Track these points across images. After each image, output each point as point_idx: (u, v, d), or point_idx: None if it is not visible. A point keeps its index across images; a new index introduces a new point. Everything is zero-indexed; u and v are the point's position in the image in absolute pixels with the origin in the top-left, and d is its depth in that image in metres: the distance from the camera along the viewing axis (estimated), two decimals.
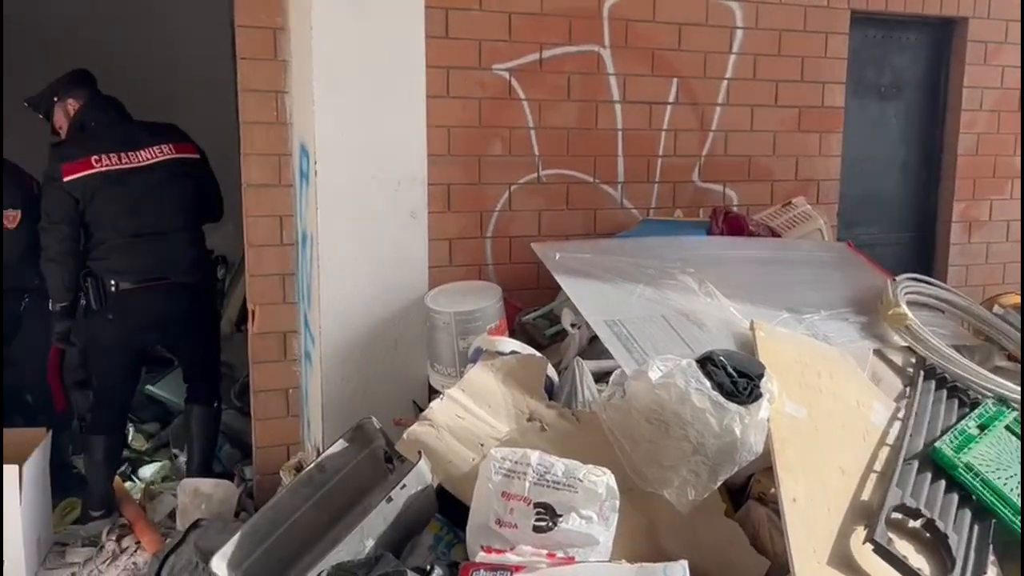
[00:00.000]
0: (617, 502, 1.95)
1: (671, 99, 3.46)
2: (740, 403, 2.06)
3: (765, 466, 2.12)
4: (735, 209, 3.50)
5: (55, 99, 3.32)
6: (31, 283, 3.44)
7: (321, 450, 2.77)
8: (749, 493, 2.22)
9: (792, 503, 1.96)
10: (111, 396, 3.37)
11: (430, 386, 2.91)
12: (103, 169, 3.16)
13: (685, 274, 2.74)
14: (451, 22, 3.07)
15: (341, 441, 2.28)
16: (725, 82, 3.53)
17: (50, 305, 3.26)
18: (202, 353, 3.54)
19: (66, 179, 3.13)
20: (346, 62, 2.74)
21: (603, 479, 1.95)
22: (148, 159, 3.25)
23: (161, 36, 4.60)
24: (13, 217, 3.32)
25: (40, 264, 3.25)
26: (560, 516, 1.92)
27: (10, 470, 2.81)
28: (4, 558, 2.83)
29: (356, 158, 2.81)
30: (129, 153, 3.22)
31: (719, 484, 2.06)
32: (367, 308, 2.90)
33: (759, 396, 2.09)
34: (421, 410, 2.74)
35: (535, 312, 3.05)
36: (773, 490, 2.05)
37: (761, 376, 2.14)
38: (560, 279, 2.69)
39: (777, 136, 3.66)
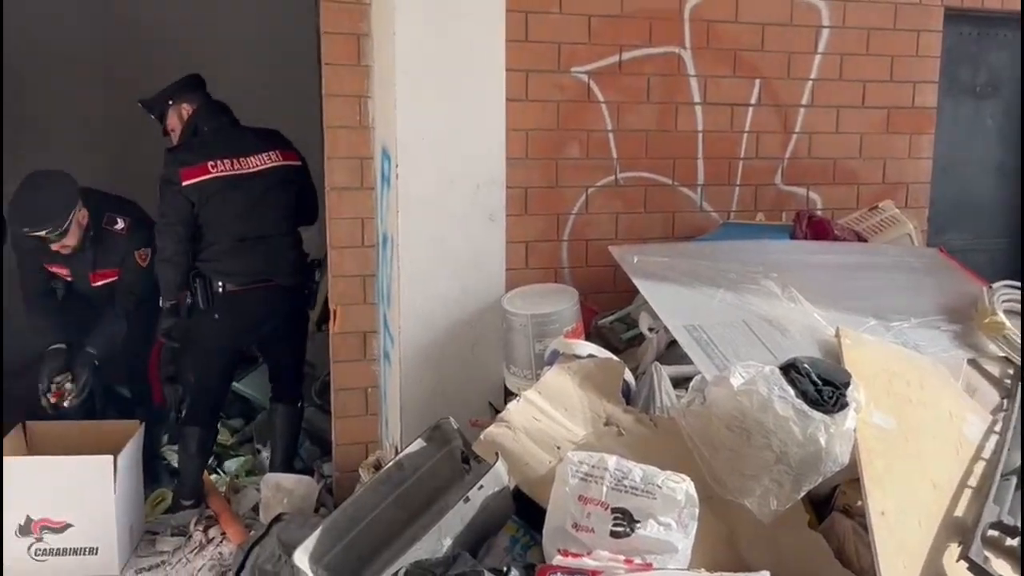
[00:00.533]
0: (696, 510, 1.92)
1: (753, 100, 3.39)
2: (825, 412, 2.00)
3: (851, 477, 2.06)
4: (819, 213, 3.40)
5: (170, 102, 3.42)
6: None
7: (399, 449, 2.82)
8: (834, 505, 2.15)
9: (880, 516, 1.90)
10: (208, 391, 3.48)
11: (506, 388, 2.92)
12: (218, 175, 3.27)
13: (768, 279, 2.68)
14: (531, 25, 3.08)
15: (419, 440, 2.31)
16: (810, 83, 3.44)
17: (160, 302, 3.39)
18: (291, 354, 3.64)
19: (184, 183, 3.23)
20: (427, 66, 2.77)
21: (682, 486, 1.93)
22: (258, 165, 3.35)
23: (248, 41, 4.73)
24: (144, 255, 3.47)
25: (154, 264, 3.39)
26: (638, 522, 1.90)
27: (105, 460, 2.94)
28: (98, 544, 2.96)
29: (436, 161, 2.84)
30: (241, 159, 3.32)
31: (802, 494, 2.01)
32: (445, 309, 2.93)
33: (845, 405, 2.03)
34: (497, 411, 2.76)
35: (612, 316, 3.03)
36: (860, 502, 1.99)
37: (847, 384, 2.08)
38: (638, 283, 2.67)
39: (864, 138, 3.55)
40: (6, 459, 2.98)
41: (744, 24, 3.32)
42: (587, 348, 2.50)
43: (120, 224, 3.48)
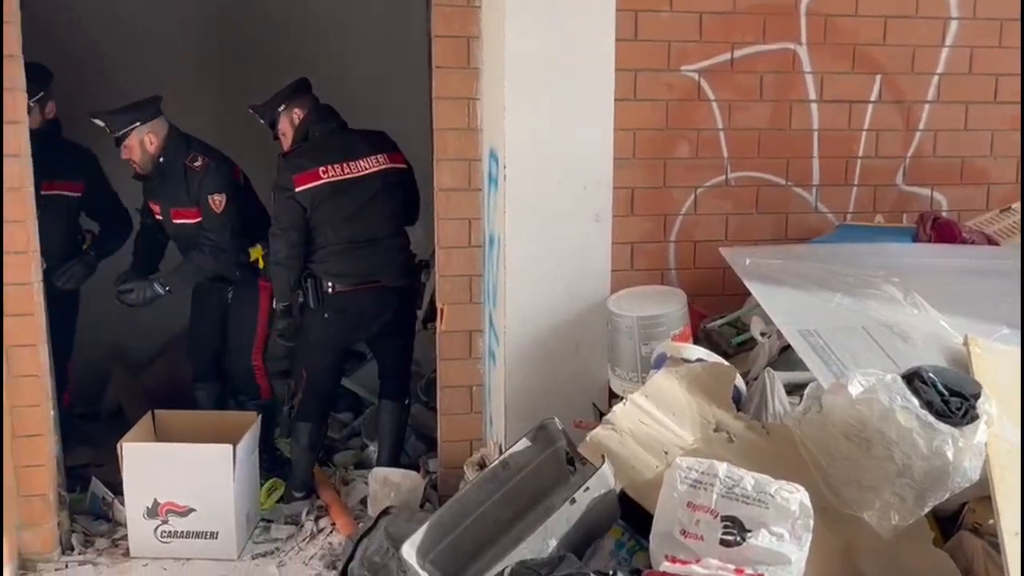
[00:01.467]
0: (811, 521, 1.85)
1: (873, 97, 3.24)
2: (952, 424, 1.90)
3: (981, 495, 1.95)
4: (945, 214, 3.23)
5: (281, 108, 3.50)
6: (233, 275, 3.75)
7: (503, 447, 2.84)
8: (962, 522, 2.04)
9: (1014, 537, 1.79)
10: (319, 387, 3.59)
11: (610, 390, 2.90)
12: (329, 180, 3.35)
13: (888, 283, 2.55)
14: (640, 24, 3.04)
15: (524, 440, 2.32)
16: (936, 78, 3.26)
17: (273, 304, 3.53)
18: (399, 353, 3.71)
19: (297, 189, 3.33)
20: (537, 68, 2.78)
21: (796, 496, 1.86)
22: (366, 169, 3.42)
23: (358, 45, 4.84)
24: (219, 201, 3.58)
25: (269, 267, 3.53)
26: (749, 531, 1.85)
27: (225, 449, 3.08)
28: (219, 529, 3.11)
29: (543, 162, 2.84)
30: (350, 163, 3.40)
31: (927, 510, 1.91)
32: (550, 310, 2.93)
33: (975, 417, 1.92)
34: (601, 413, 2.74)
35: (721, 319, 2.96)
36: (991, 521, 1.88)
37: (977, 396, 1.97)
38: (750, 285, 2.60)
39: (996, 135, 3.34)
40: (137, 444, 3.17)
41: (865, 17, 3.18)
42: (696, 352, 2.45)
43: (199, 161, 3.59)
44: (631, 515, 2.12)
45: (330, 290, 3.43)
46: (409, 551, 2.10)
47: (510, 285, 2.91)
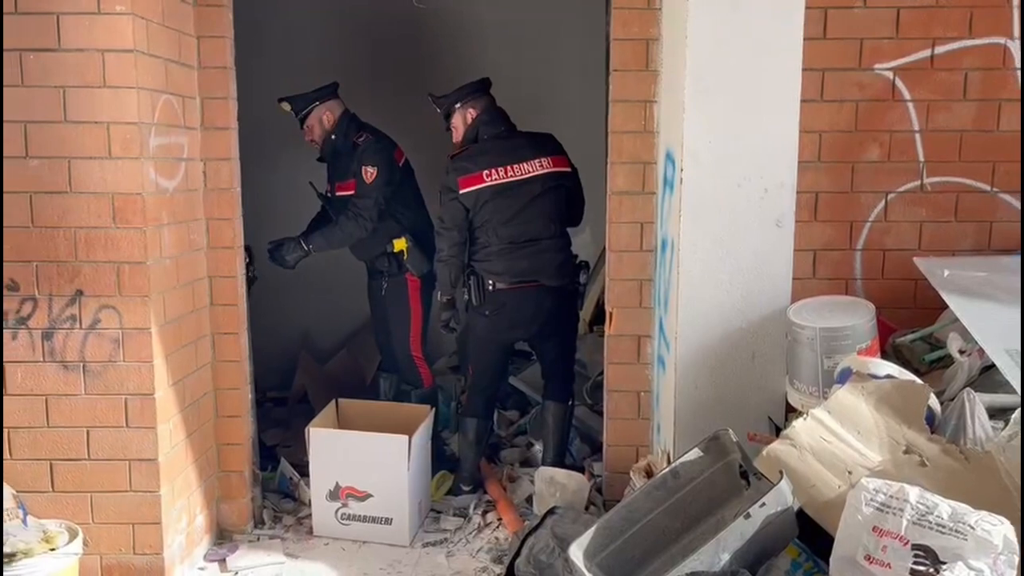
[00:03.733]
0: (1016, 557, 1.71)
1: None
2: None
3: None
4: None
5: (458, 104, 3.62)
6: (390, 269, 3.94)
7: (672, 455, 2.80)
8: None
9: None
10: (484, 384, 3.71)
11: (788, 404, 2.78)
12: (492, 183, 3.47)
13: None
14: (829, 22, 2.91)
15: (696, 450, 2.27)
16: None
17: (438, 296, 3.71)
18: (560, 352, 3.74)
19: (461, 191, 3.48)
20: (719, 70, 2.70)
21: (1000, 529, 1.72)
22: (529, 172, 3.50)
23: (538, 48, 4.90)
24: (371, 173, 3.80)
25: (434, 263, 3.72)
26: (943, 563, 1.73)
27: (401, 439, 3.23)
28: (393, 516, 3.25)
29: (723, 165, 2.77)
30: (513, 166, 3.49)
31: None
32: (725, 317, 2.84)
33: None
34: (778, 428, 2.64)
35: (912, 334, 2.76)
36: None
37: None
38: (948, 299, 2.41)
39: None
40: (322, 430, 3.38)
41: None
42: (885, 368, 2.30)
43: (362, 136, 3.86)
44: (809, 535, 2.03)
45: (491, 288, 3.53)
46: (576, 552, 2.12)
47: (683, 290, 2.85)
